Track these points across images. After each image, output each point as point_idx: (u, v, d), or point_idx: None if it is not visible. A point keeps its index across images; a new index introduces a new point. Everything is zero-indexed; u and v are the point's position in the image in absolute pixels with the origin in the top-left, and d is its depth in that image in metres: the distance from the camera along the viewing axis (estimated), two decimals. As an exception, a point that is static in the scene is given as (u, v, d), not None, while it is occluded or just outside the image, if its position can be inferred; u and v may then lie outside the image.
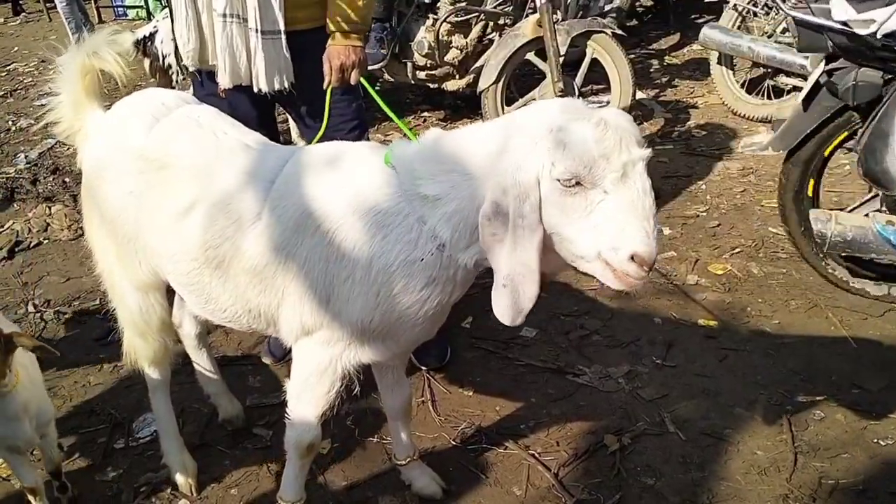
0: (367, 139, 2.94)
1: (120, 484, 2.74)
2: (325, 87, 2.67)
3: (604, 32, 4.76)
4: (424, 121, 5.87)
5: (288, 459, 2.33)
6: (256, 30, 2.61)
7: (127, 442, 2.91)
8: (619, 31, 4.85)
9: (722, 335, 3.29)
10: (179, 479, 2.67)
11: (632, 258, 1.67)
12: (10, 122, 6.61)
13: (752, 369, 3.08)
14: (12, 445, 2.33)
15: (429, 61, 5.31)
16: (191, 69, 2.82)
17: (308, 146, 2.23)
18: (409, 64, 5.40)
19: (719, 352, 3.19)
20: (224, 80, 2.70)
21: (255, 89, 2.71)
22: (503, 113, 4.91)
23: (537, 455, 2.74)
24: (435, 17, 5.20)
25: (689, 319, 3.40)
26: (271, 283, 2.08)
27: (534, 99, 4.91)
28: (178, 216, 2.13)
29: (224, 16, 2.61)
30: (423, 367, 3.18)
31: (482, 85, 4.89)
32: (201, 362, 2.89)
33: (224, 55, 2.66)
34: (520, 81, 5.79)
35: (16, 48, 9.06)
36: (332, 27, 2.65)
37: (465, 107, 6.03)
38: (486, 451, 2.78)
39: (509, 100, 5.02)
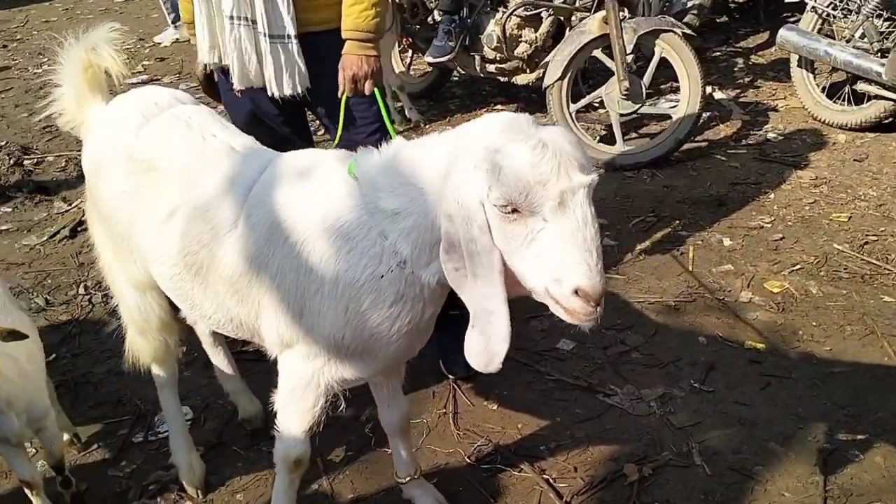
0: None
1: (130, 480, 2.69)
2: (339, 95, 2.57)
3: (672, 31, 4.47)
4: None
5: (277, 473, 2.22)
6: (265, 34, 2.52)
7: (146, 436, 2.86)
8: (689, 31, 4.54)
9: (768, 360, 3.00)
10: (185, 480, 2.60)
11: (576, 292, 1.51)
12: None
13: (795, 400, 2.79)
14: (2, 438, 2.29)
15: (498, 55, 5.11)
16: (210, 67, 2.74)
17: (285, 153, 2.10)
18: (478, 57, 5.21)
19: (762, 378, 2.91)
20: (236, 83, 2.63)
21: (269, 93, 2.63)
22: (568, 111, 4.71)
23: (552, 480, 2.55)
24: (505, 10, 5.02)
25: (735, 340, 3.12)
26: (247, 293, 1.97)
27: (600, 97, 4.70)
28: (163, 220, 2.05)
29: (231, 18, 2.53)
30: (451, 377, 3.03)
31: (547, 81, 4.68)
32: (218, 360, 2.82)
33: (233, 57, 2.58)
34: (591, 77, 5.57)
35: (118, 24, 9.29)
36: (345, 34, 2.54)
37: (540, 100, 5.84)
38: (500, 471, 2.59)
39: (576, 96, 4.82)
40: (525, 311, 3.40)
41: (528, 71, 5.21)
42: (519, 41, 5.06)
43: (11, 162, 5.42)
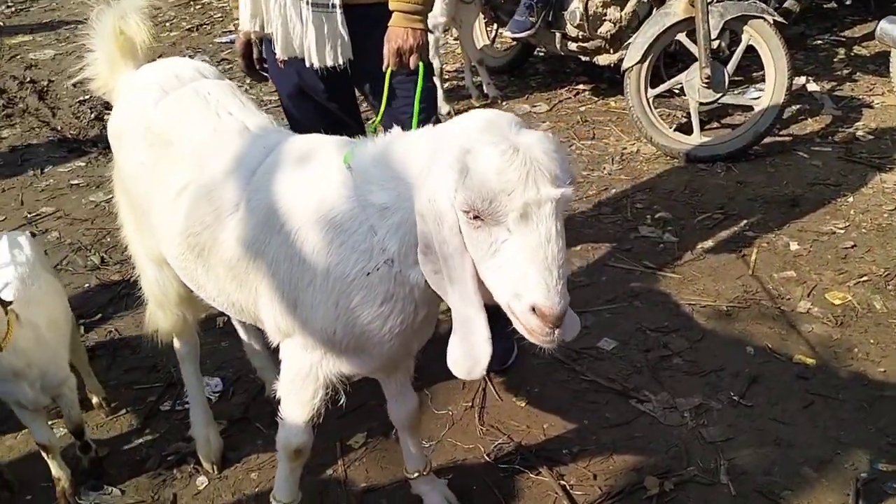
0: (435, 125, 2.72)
1: (151, 449, 2.73)
2: (383, 69, 2.43)
3: (762, 18, 4.17)
4: (577, 94, 5.50)
5: (279, 460, 2.20)
6: (308, 2, 2.40)
7: (174, 405, 2.88)
8: (780, 18, 4.22)
9: (815, 377, 2.77)
10: (202, 454, 2.61)
11: (533, 310, 1.40)
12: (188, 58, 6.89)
13: (838, 422, 2.57)
14: (16, 403, 2.35)
15: (580, 33, 4.87)
16: (253, 37, 2.65)
17: (292, 137, 2.03)
18: (559, 34, 5.00)
19: (806, 396, 2.69)
20: (278, 52, 2.53)
21: (307, 64, 2.50)
22: (645, 96, 4.49)
23: (569, 487, 2.44)
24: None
25: (784, 353, 2.89)
26: (245, 279, 1.93)
27: (680, 84, 4.45)
28: (173, 197, 2.03)
29: None
30: None
31: (626, 63, 4.45)
32: (244, 336, 2.81)
33: (276, 25, 2.48)
34: (679, 61, 5.29)
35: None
36: (392, 5, 2.39)
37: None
38: (517, 473, 2.50)
39: (655, 81, 4.59)
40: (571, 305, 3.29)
41: (610, 51, 4.97)
42: (603, 20, 4.83)
43: (92, 116, 5.62)
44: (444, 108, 5.20)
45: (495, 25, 5.87)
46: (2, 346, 2.16)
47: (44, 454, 2.50)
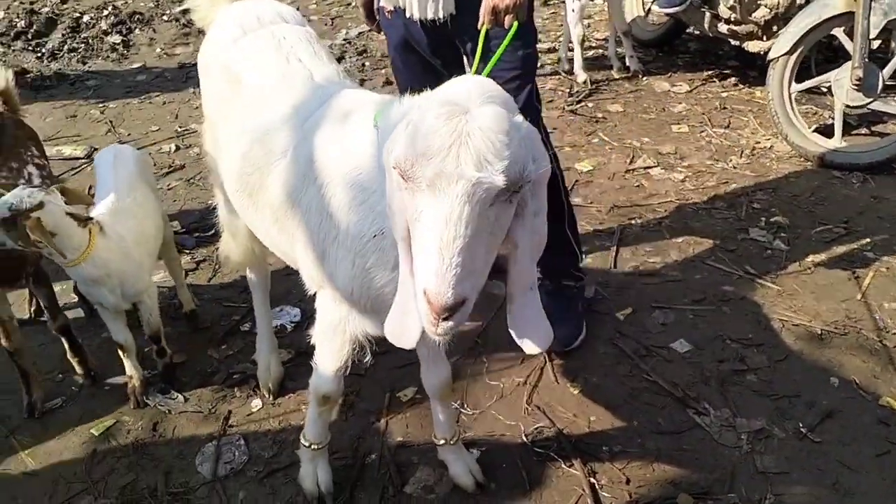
0: (533, 95, 2.49)
1: (221, 364, 2.79)
2: (478, 27, 2.25)
3: (935, 20, 3.63)
4: (722, 78, 5.04)
5: (309, 402, 2.18)
6: None
7: (252, 327, 2.90)
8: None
9: None
10: (260, 379, 2.65)
11: (424, 293, 1.26)
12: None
13: None
14: (98, 303, 2.47)
15: (733, 15, 4.45)
16: None
17: (346, 90, 1.93)
18: (709, 14, 4.59)
19: (883, 443, 2.35)
20: (383, 1, 2.44)
21: (408, 15, 2.39)
22: (788, 90, 4.05)
23: (598, 486, 2.26)
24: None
25: (872, 392, 2.54)
26: (284, 224, 1.89)
27: (828, 82, 3.97)
28: (236, 135, 2.00)
29: None
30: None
31: (773, 53, 4.02)
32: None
33: None
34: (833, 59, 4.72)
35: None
36: None
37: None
38: (550, 460, 2.35)
39: (803, 76, 4.11)
40: (652, 299, 3.05)
41: (763, 38, 4.51)
42: (758, 4, 4.37)
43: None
44: (580, 76, 4.94)
45: (652, -3, 5.48)
46: (82, 259, 2.25)
47: (120, 353, 2.60)
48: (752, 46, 4.58)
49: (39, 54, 5.76)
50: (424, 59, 2.60)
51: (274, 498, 2.31)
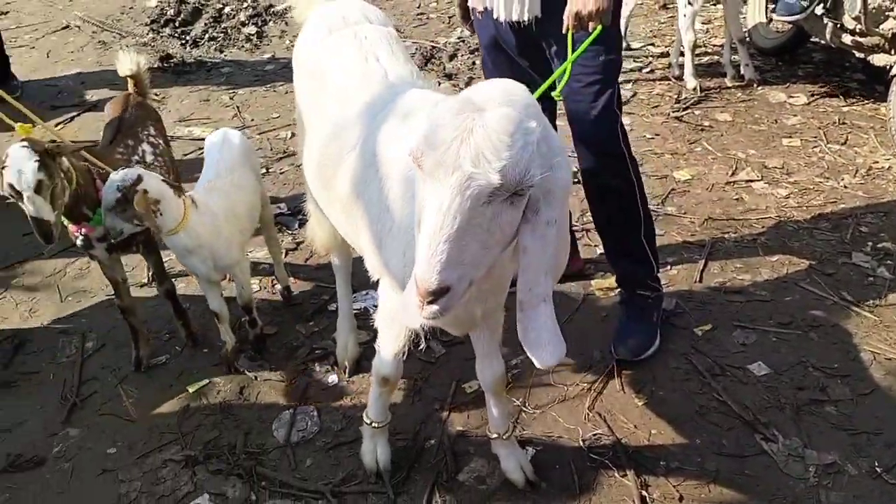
0: (613, 101, 2.43)
1: (307, 340, 2.89)
2: (563, 31, 2.21)
3: None
4: (845, 92, 4.68)
5: (371, 382, 2.24)
6: None
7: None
8: None
9: None
10: (338, 356, 2.73)
11: (414, 276, 1.29)
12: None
13: None
14: (194, 273, 2.62)
15: (857, 26, 4.12)
16: None
17: (410, 90, 1.96)
18: (831, 24, 4.28)
19: None
20: (472, 1, 2.47)
21: (494, 16, 2.39)
22: (913, 111, 3.75)
23: (649, 500, 2.20)
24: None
25: None
26: (351, 213, 1.95)
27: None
28: (317, 129, 2.07)
29: None
30: (615, 355, 2.70)
31: (896, 69, 3.75)
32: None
33: None
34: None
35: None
36: None
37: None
38: (603, 468, 2.31)
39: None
40: (734, 317, 2.91)
41: (890, 51, 4.15)
42: (887, 15, 4.02)
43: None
44: (690, 82, 4.74)
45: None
46: (180, 227, 2.39)
47: (216, 321, 2.75)
48: (878, 59, 4.24)
49: (183, 41, 6.09)
50: (513, 59, 2.59)
51: (337, 469, 2.39)
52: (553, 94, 2.02)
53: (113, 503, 2.33)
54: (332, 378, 2.74)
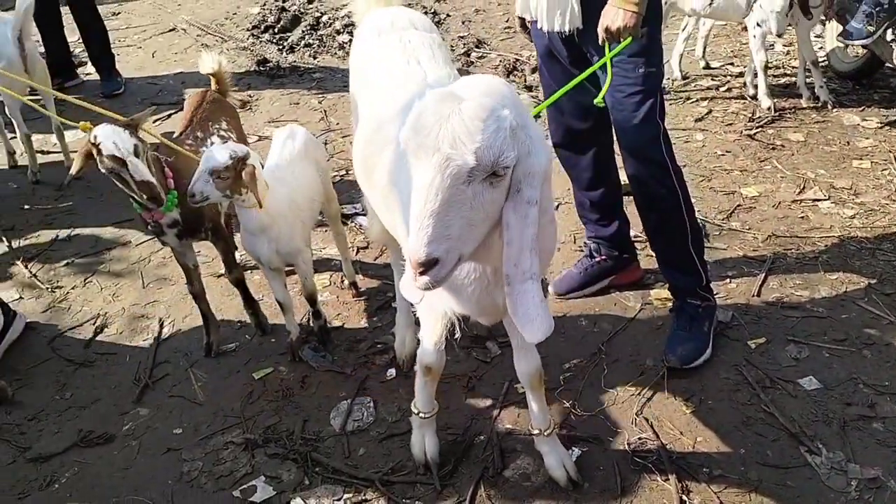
0: (655, 111, 2.54)
1: (369, 334, 3.06)
2: (599, 43, 2.36)
3: None
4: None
5: (417, 372, 2.36)
6: None
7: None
8: None
9: None
10: (397, 351, 2.87)
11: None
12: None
13: None
14: (258, 260, 2.76)
15: (924, 51, 4.10)
16: None
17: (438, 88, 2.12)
18: (896, 48, 4.25)
19: None
20: (518, 10, 2.62)
21: (538, 26, 2.55)
22: None
23: None
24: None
25: None
26: (389, 202, 2.11)
27: None
28: (363, 124, 2.26)
29: None
30: (666, 363, 2.75)
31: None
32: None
33: None
34: None
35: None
36: None
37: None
38: (647, 471, 2.38)
39: None
40: (789, 332, 2.93)
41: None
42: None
43: (463, 51, 6.03)
44: (764, 102, 4.73)
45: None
46: (252, 203, 2.55)
47: (281, 310, 2.94)
48: (955, 84, 4.17)
49: (280, 47, 6.41)
50: (565, 67, 2.73)
51: (388, 459, 2.53)
52: (595, 101, 2.15)
53: (175, 480, 2.51)
54: (391, 371, 2.89)
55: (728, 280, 3.25)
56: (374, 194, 2.29)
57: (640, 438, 2.52)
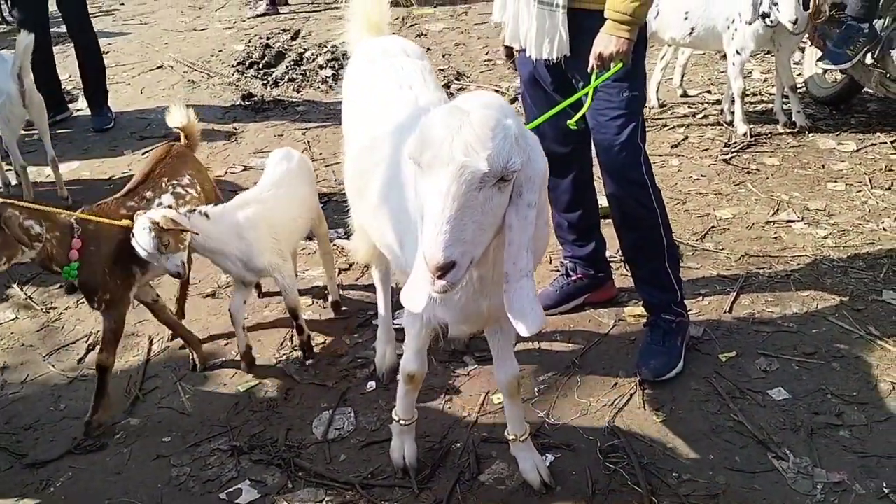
0: (636, 133, 2.66)
1: (350, 349, 3.16)
2: (588, 70, 2.50)
3: None
4: (873, 145, 4.78)
5: (399, 380, 2.45)
6: (536, 0, 2.56)
7: None
8: None
9: None
10: (377, 364, 2.97)
11: (424, 257, 1.53)
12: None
13: None
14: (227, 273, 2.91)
15: (904, 74, 4.27)
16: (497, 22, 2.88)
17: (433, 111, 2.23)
18: (878, 72, 4.40)
19: None
20: (507, 39, 2.74)
21: (527, 54, 2.67)
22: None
23: None
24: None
25: None
26: (379, 218, 2.22)
27: None
28: (355, 144, 2.38)
29: None
30: (638, 375, 2.86)
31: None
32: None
33: (509, 16, 2.69)
34: None
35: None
36: (605, 13, 2.44)
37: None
38: (617, 476, 2.46)
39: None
40: (759, 346, 3.04)
41: (937, 101, 4.27)
42: (935, 67, 4.16)
43: (443, 83, 6.21)
44: (740, 128, 4.90)
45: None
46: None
47: (231, 320, 3.07)
48: (926, 109, 4.34)
49: (265, 82, 6.60)
50: (548, 94, 2.86)
51: (367, 464, 2.61)
52: (568, 122, 2.28)
53: (164, 484, 2.60)
54: (371, 384, 2.98)
55: (701, 297, 3.36)
56: (365, 210, 2.40)
57: (611, 445, 2.61)
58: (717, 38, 4.84)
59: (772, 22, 4.46)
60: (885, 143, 4.74)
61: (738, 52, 4.75)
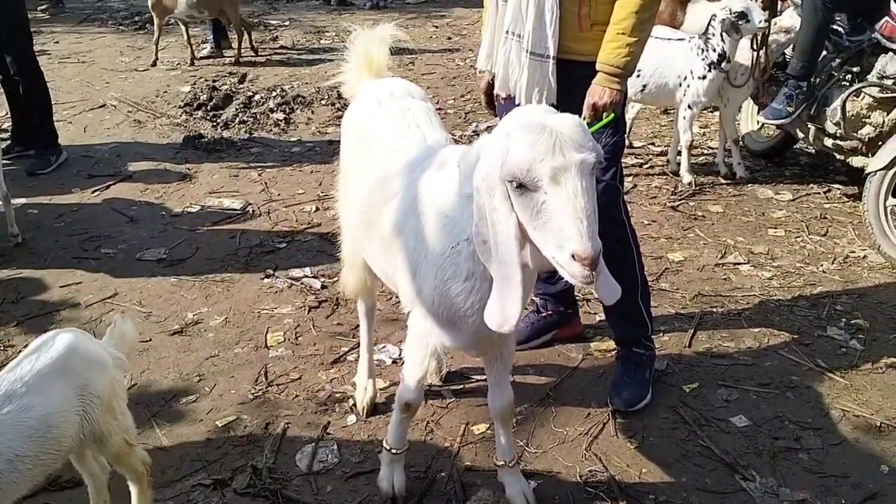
0: (616, 176, 2.91)
1: (328, 384, 3.25)
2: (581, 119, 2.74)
3: None
4: (828, 191, 5.21)
5: (394, 409, 2.55)
6: (527, 50, 2.73)
7: (356, 357, 3.30)
8: None
9: None
10: (357, 398, 3.07)
11: (573, 257, 1.66)
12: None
13: None
14: None
15: (838, 130, 4.66)
16: (488, 76, 3.02)
17: (447, 148, 2.40)
18: (814, 128, 4.84)
19: None
20: (497, 88, 2.91)
21: (517, 102, 2.83)
22: (884, 203, 4.23)
23: None
24: (860, 86, 4.57)
25: None
26: (390, 250, 2.35)
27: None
28: (364, 182, 2.51)
29: (507, 32, 2.78)
30: (611, 405, 3.06)
31: (871, 167, 4.23)
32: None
33: (500, 65, 2.85)
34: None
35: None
36: (597, 66, 2.65)
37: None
38: (598, 499, 2.62)
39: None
40: (719, 378, 3.29)
41: (867, 154, 4.67)
42: (864, 122, 4.58)
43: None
44: (686, 177, 5.27)
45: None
46: None
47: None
48: (856, 162, 4.76)
49: (214, 123, 6.68)
50: None
51: (355, 495, 2.69)
52: None
53: (144, 522, 2.62)
54: (352, 417, 3.06)
55: (661, 333, 3.61)
56: (371, 242, 2.52)
57: (590, 471, 2.78)
58: (669, 95, 5.23)
59: (726, 66, 4.94)
60: (819, 193, 5.19)
61: (689, 107, 5.14)
